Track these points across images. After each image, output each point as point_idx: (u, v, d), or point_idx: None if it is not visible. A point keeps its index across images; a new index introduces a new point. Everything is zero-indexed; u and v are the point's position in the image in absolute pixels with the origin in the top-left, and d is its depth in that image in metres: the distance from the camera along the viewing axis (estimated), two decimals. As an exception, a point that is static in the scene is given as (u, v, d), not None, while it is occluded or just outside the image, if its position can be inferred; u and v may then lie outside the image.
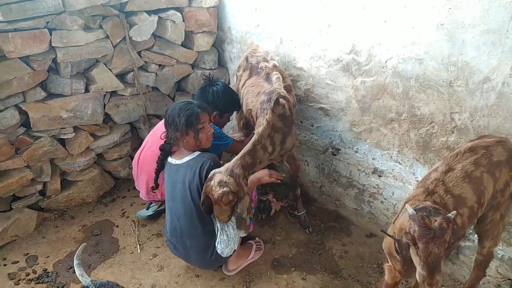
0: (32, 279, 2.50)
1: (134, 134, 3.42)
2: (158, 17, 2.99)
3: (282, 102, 2.24)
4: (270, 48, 2.92)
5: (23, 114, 2.71)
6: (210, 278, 2.50)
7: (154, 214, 3.01)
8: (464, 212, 1.66)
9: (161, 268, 2.58)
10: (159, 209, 3.00)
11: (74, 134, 2.94)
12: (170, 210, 2.36)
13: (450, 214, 1.41)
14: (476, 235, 1.99)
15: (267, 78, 2.48)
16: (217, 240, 2.30)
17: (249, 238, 2.67)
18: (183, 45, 3.28)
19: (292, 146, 2.42)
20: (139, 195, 2.84)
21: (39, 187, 2.95)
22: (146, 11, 2.91)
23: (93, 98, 2.94)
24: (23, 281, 2.49)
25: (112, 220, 3.05)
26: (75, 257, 1.38)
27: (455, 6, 1.83)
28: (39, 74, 2.67)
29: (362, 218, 2.87)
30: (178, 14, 3.06)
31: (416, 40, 2.04)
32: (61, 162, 2.99)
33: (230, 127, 3.68)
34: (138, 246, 2.76)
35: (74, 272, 1.39)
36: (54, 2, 2.44)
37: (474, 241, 2.19)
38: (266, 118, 2.18)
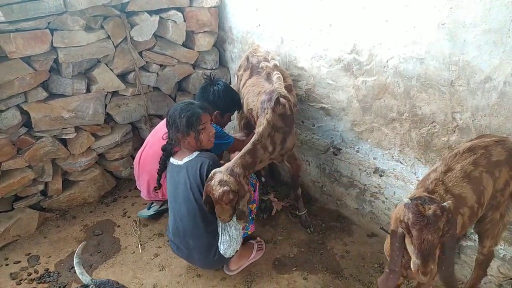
0: (34, 279, 2.51)
1: (136, 134, 3.42)
2: (159, 17, 3.00)
3: (282, 101, 2.23)
4: (271, 48, 2.92)
5: (25, 114, 2.71)
6: (211, 278, 2.50)
7: (156, 214, 3.01)
8: (464, 211, 1.66)
9: (162, 268, 2.58)
10: (161, 209, 3.00)
11: (75, 134, 2.95)
12: (173, 211, 2.36)
13: (445, 203, 1.42)
14: (476, 235, 1.99)
15: (268, 77, 2.48)
16: (219, 240, 2.31)
17: (250, 238, 2.68)
18: (184, 45, 3.28)
19: (292, 145, 2.42)
20: (140, 195, 2.85)
21: (41, 187, 2.96)
22: (147, 11, 2.92)
23: (94, 98, 2.95)
24: (25, 281, 2.50)
25: (113, 220, 3.05)
26: (75, 255, 1.38)
27: (456, 5, 1.83)
28: (41, 74, 2.68)
29: (363, 218, 2.87)
30: (179, 14, 3.07)
31: (417, 39, 2.04)
32: (62, 162, 3.00)
33: (231, 127, 3.68)
34: (139, 246, 2.77)
35: (76, 272, 1.39)
36: (55, 3, 2.44)
37: (475, 240, 2.19)
38: (267, 118, 2.18)
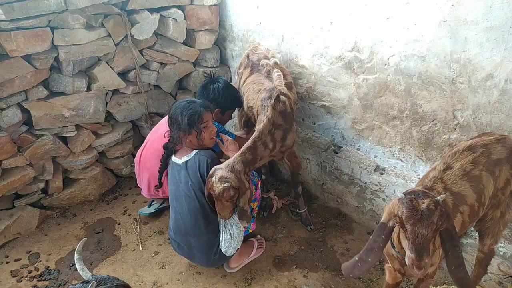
0: (34, 277, 2.51)
1: (136, 132, 3.42)
2: (160, 15, 2.99)
3: (282, 99, 2.23)
4: (272, 45, 2.91)
5: (26, 112, 2.71)
6: (211, 275, 2.50)
7: (156, 211, 3.01)
8: (464, 210, 1.65)
9: (163, 265, 2.59)
10: (161, 206, 3.01)
11: (76, 132, 2.95)
12: (174, 209, 2.36)
13: (439, 197, 1.42)
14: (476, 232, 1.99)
15: (268, 75, 2.48)
16: (220, 238, 2.31)
17: (251, 235, 2.68)
18: (185, 43, 3.28)
19: (292, 143, 2.42)
20: (141, 193, 2.85)
21: (41, 185, 2.96)
22: (148, 9, 2.92)
23: (95, 97, 2.95)
24: (26, 278, 2.50)
25: (114, 217, 3.05)
26: (76, 251, 1.38)
27: (458, 2, 1.83)
28: (41, 72, 2.68)
29: (363, 216, 2.87)
30: (180, 12, 3.06)
31: (418, 37, 2.04)
32: (63, 160, 3.00)
33: (231, 125, 3.68)
34: (140, 243, 2.77)
35: (77, 269, 1.39)
36: (56, 1, 2.44)
37: (475, 238, 2.19)
38: (267, 115, 2.18)
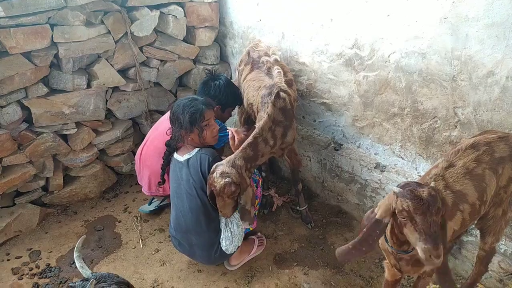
0: (35, 274, 2.52)
1: (136, 129, 3.42)
2: (160, 12, 2.98)
3: (282, 95, 2.23)
4: (272, 43, 2.90)
5: (26, 109, 2.71)
6: (212, 273, 2.50)
7: (157, 209, 3.01)
8: (465, 208, 1.64)
9: (163, 263, 2.59)
10: (162, 204, 3.01)
11: (76, 129, 2.95)
12: (175, 207, 2.35)
13: (431, 184, 1.42)
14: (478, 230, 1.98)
15: (268, 72, 2.47)
16: (221, 236, 2.31)
17: (251, 233, 2.68)
18: (185, 40, 3.27)
19: (293, 140, 2.42)
20: (142, 190, 2.85)
21: (42, 183, 2.96)
22: (148, 6, 2.90)
23: (95, 94, 2.94)
24: (27, 276, 2.51)
25: (114, 215, 3.06)
26: (75, 249, 1.38)
27: (459, -1, 1.82)
28: (41, 69, 2.67)
29: (364, 213, 2.86)
30: (180, 9, 3.05)
31: (419, 34, 2.03)
32: (63, 158, 3.00)
33: (232, 123, 3.67)
34: (140, 241, 2.77)
35: (77, 267, 1.39)
36: (55, -2, 2.44)
37: (476, 236, 2.18)
38: (267, 112, 2.18)
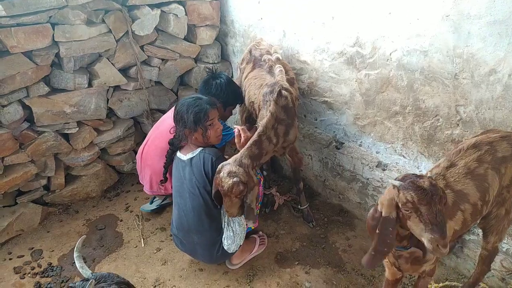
0: (37, 273, 2.52)
1: (138, 128, 3.42)
2: (161, 10, 2.98)
3: (284, 94, 2.23)
4: (273, 41, 2.90)
5: (27, 109, 2.71)
6: (213, 272, 2.50)
7: (158, 208, 3.01)
8: (466, 208, 1.63)
9: (165, 262, 2.59)
10: (163, 203, 3.01)
11: (77, 129, 2.95)
12: (178, 206, 2.35)
13: (428, 174, 1.43)
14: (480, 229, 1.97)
15: (270, 71, 2.47)
16: (223, 236, 2.31)
17: (252, 232, 2.68)
18: (186, 39, 3.26)
19: (295, 138, 2.41)
20: (143, 189, 2.85)
21: (44, 182, 2.97)
22: (149, 5, 2.90)
23: (96, 93, 2.94)
24: (28, 275, 2.51)
25: (116, 214, 3.06)
26: (75, 249, 1.38)
27: (461, -4, 1.81)
28: (42, 69, 2.67)
29: (366, 212, 2.86)
30: (181, 7, 3.05)
31: (421, 32, 2.02)
32: (65, 157, 3.00)
33: (233, 121, 3.67)
34: (142, 240, 2.77)
35: (77, 267, 1.39)
36: (56, -4, 2.43)
37: (478, 234, 2.18)
38: (270, 110, 2.18)
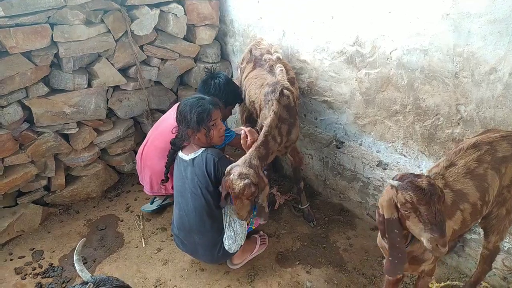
0: (38, 274, 2.52)
1: (138, 128, 3.42)
2: (160, 10, 2.97)
3: (286, 93, 2.23)
4: (273, 40, 2.89)
5: (26, 109, 2.71)
6: (215, 272, 2.50)
7: (159, 208, 3.01)
8: (465, 208, 1.63)
9: (166, 262, 2.59)
10: (164, 203, 3.01)
11: (77, 129, 2.94)
12: (179, 206, 2.35)
13: (425, 173, 1.43)
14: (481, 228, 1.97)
15: (271, 70, 2.47)
16: (224, 236, 2.31)
17: (253, 232, 2.68)
18: (185, 38, 3.26)
19: (296, 137, 2.42)
20: (143, 190, 2.85)
21: (44, 183, 2.96)
22: (148, 5, 2.89)
23: (96, 93, 2.94)
24: (30, 275, 2.51)
25: (116, 214, 3.06)
26: (75, 252, 1.37)
27: (461, -5, 1.80)
28: (42, 69, 2.67)
29: (366, 211, 2.86)
30: (180, 7, 3.04)
31: (421, 30, 2.01)
32: (65, 158, 3.00)
33: (233, 121, 3.67)
34: (142, 240, 2.77)
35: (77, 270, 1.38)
36: (55, -3, 2.43)
37: (479, 233, 2.18)
38: (273, 109, 2.18)
